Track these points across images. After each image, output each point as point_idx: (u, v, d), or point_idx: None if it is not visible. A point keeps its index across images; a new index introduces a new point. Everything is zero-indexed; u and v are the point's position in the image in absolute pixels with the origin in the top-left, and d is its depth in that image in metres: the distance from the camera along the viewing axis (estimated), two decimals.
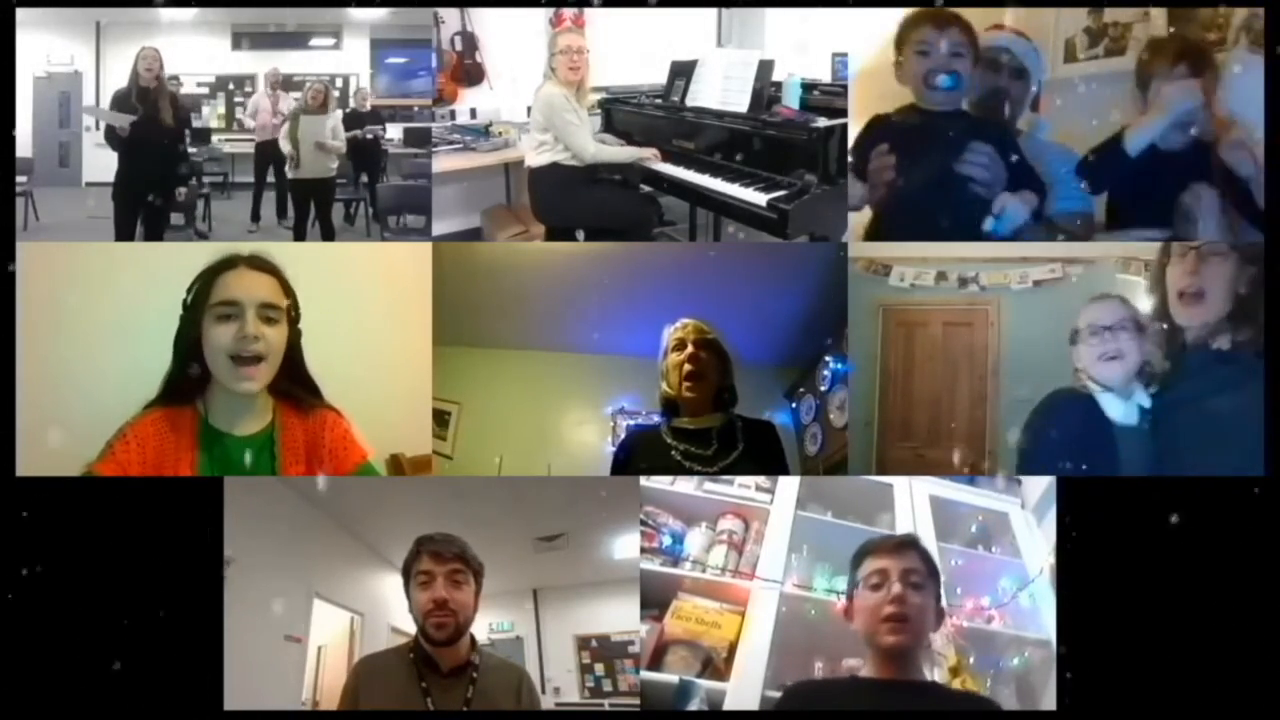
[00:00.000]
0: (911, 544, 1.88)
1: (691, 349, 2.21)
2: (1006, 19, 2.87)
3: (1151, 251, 2.32)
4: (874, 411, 3.75)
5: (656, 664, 2.29)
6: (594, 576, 4.22)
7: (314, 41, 6.06)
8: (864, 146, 2.65)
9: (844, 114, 3.09)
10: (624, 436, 4.02)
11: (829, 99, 3.41)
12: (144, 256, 3.33)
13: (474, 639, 1.95)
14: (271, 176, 4.73)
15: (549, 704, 4.44)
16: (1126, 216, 2.70)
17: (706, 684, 2.13)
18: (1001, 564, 2.76)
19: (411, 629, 1.94)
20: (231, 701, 2.33)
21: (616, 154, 3.83)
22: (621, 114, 4.27)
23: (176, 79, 4.49)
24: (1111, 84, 2.84)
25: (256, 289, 1.81)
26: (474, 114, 5.20)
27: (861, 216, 2.79)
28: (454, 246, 3.96)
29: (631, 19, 4.72)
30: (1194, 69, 2.51)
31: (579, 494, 3.35)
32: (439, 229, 4.30)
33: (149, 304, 2.15)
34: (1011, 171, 2.55)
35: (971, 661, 2.36)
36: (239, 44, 5.97)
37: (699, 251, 3.95)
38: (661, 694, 2.13)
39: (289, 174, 4.36)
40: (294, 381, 1.89)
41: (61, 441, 2.03)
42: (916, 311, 3.81)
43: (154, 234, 3.82)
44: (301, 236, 4.27)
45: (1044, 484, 2.90)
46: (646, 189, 3.87)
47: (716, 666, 2.25)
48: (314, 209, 4.31)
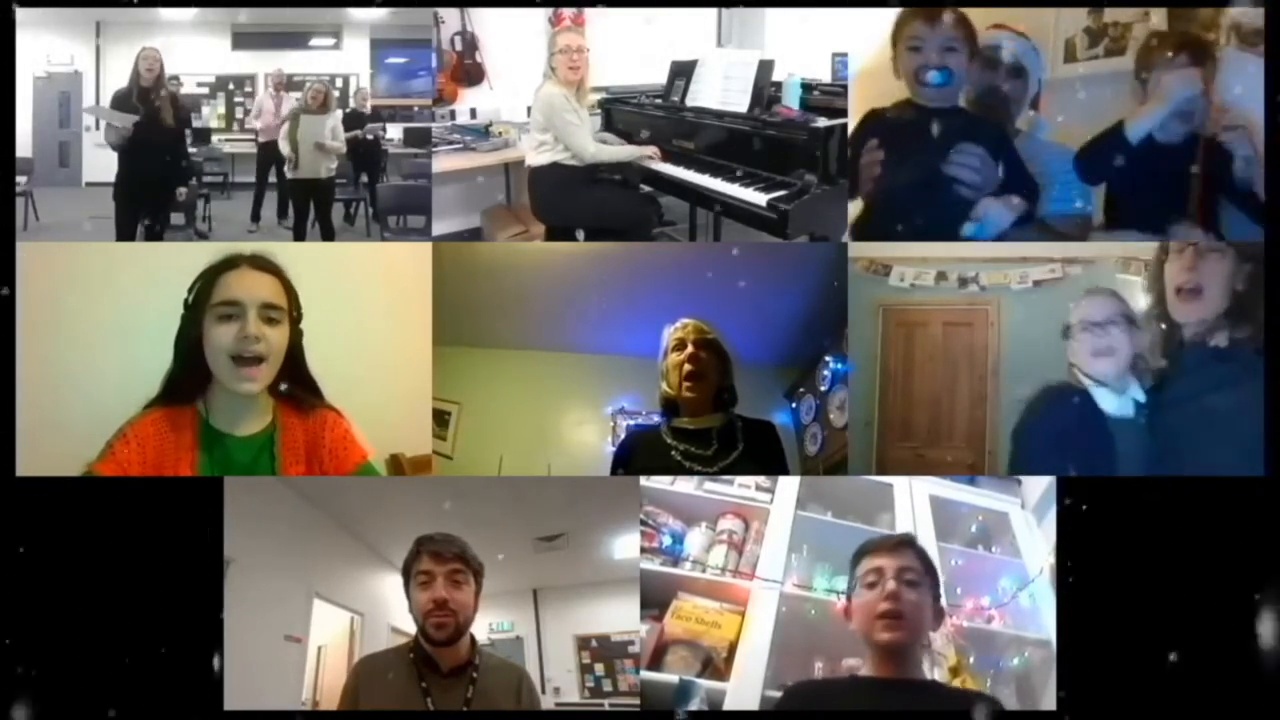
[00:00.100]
0: (908, 543, 1.89)
1: (691, 349, 2.21)
2: (1006, 18, 2.87)
3: (1150, 251, 2.32)
4: (874, 411, 3.75)
5: (656, 664, 2.29)
6: (594, 576, 4.22)
7: (314, 41, 6.06)
8: (859, 140, 2.66)
9: (844, 114, 3.08)
10: (624, 436, 4.02)
11: (829, 99, 3.42)
12: (144, 256, 3.33)
13: (474, 639, 1.96)
14: (274, 177, 4.74)
15: (549, 704, 4.44)
16: (1125, 212, 2.70)
17: (706, 684, 2.13)
18: (1001, 564, 2.76)
19: (411, 629, 1.94)
20: (231, 701, 2.33)
21: (616, 153, 3.83)
22: (621, 114, 4.27)
23: (177, 79, 4.49)
24: (1111, 84, 2.84)
25: (258, 289, 1.80)
26: (474, 114, 5.20)
27: (856, 206, 2.80)
28: (454, 246, 3.95)
29: (631, 19, 4.72)
30: (1194, 59, 2.51)
31: (579, 494, 3.35)
32: (439, 229, 4.29)
33: (149, 304, 2.15)
34: (1003, 173, 2.54)
35: (971, 661, 2.36)
36: (239, 44, 5.97)
37: (699, 251, 3.95)
38: (661, 694, 2.14)
39: (288, 174, 4.36)
40: (294, 382, 1.89)
41: (61, 441, 2.02)
42: (916, 311, 3.81)
43: (154, 234, 3.82)
44: (301, 237, 4.27)
45: (1044, 484, 2.90)
46: (646, 189, 3.87)
47: (716, 666, 2.25)
48: (314, 209, 4.31)
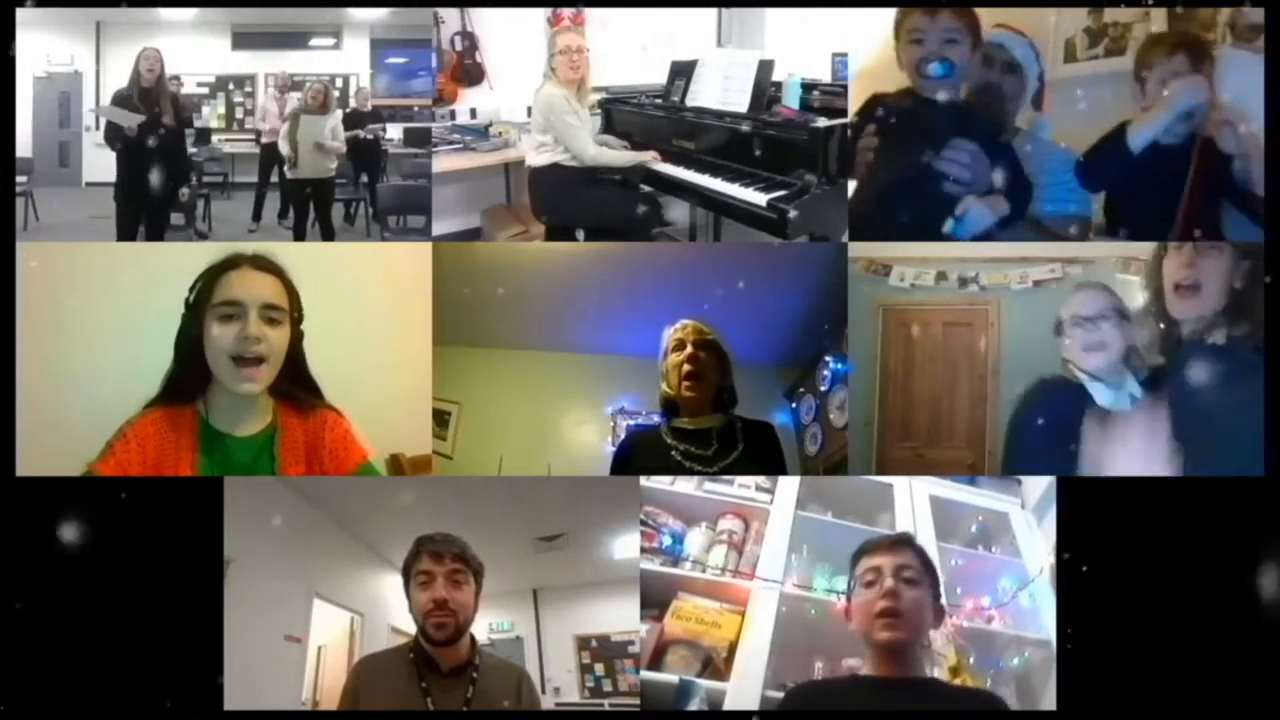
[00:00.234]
0: (906, 541, 1.88)
1: (691, 349, 2.22)
2: (1006, 18, 2.87)
3: (1150, 250, 2.31)
4: (874, 411, 3.75)
5: (656, 664, 2.29)
6: (594, 576, 4.22)
7: (314, 41, 6.06)
8: (858, 124, 2.66)
9: (844, 114, 3.08)
10: (624, 436, 4.02)
11: (829, 99, 3.41)
12: (144, 256, 3.34)
13: (474, 639, 1.95)
14: (275, 177, 4.74)
15: (549, 704, 4.43)
16: (1126, 217, 2.69)
17: (706, 684, 2.13)
18: (1001, 564, 2.76)
19: (411, 629, 1.94)
20: (231, 701, 2.32)
21: (617, 157, 3.82)
22: (621, 114, 4.27)
23: (177, 79, 4.49)
24: (1111, 84, 2.84)
25: (259, 289, 1.80)
26: (474, 114, 5.20)
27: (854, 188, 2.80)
28: (454, 246, 3.95)
29: (632, 19, 4.72)
30: (1193, 59, 2.50)
31: (579, 494, 3.35)
32: (439, 229, 4.30)
33: (149, 304, 2.15)
34: (995, 171, 2.53)
35: (971, 661, 2.36)
36: (239, 44, 5.98)
37: (699, 251, 3.95)
38: (661, 694, 2.14)
39: (288, 174, 4.36)
40: (295, 382, 1.88)
41: (61, 441, 2.02)
42: (916, 311, 3.81)
43: (155, 234, 3.82)
44: (301, 236, 4.27)
45: (1044, 484, 2.90)
46: (646, 189, 3.87)
47: (716, 666, 2.25)
48: (314, 209, 4.31)
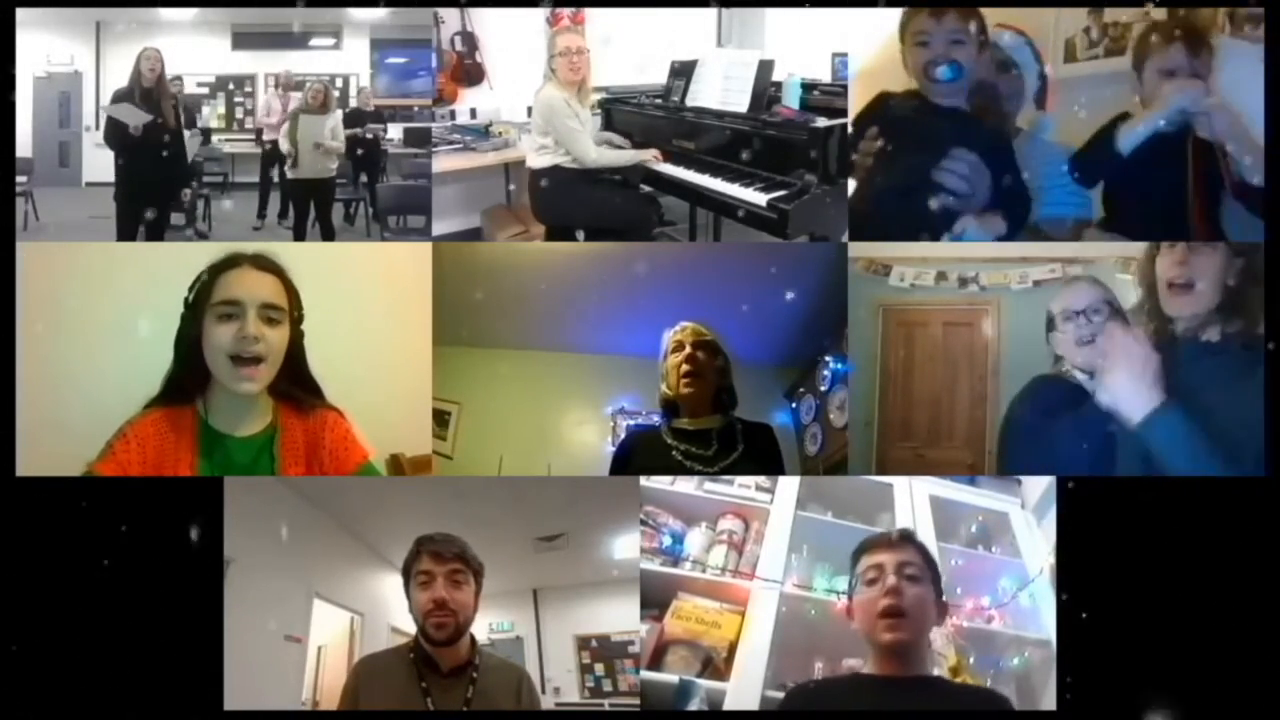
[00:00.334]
0: (907, 538, 1.87)
1: (689, 350, 2.23)
2: (1006, 18, 2.87)
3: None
4: (874, 411, 3.75)
5: (656, 664, 2.29)
6: (594, 576, 4.22)
7: (314, 41, 6.07)
8: (861, 123, 2.63)
9: (844, 114, 3.08)
10: (624, 436, 4.02)
11: (829, 99, 3.41)
12: (144, 256, 3.33)
13: (474, 639, 1.95)
14: (277, 177, 4.74)
15: (549, 704, 4.43)
16: (1124, 215, 2.69)
17: (706, 684, 2.13)
18: (1001, 564, 2.76)
19: (411, 629, 1.94)
20: (231, 701, 2.32)
21: (618, 157, 3.81)
22: (621, 114, 4.27)
23: (178, 79, 4.49)
24: (1111, 84, 2.84)
25: (258, 289, 1.80)
26: (474, 114, 5.20)
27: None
28: (454, 246, 3.95)
29: (631, 19, 4.72)
30: (1191, 49, 2.48)
31: (579, 494, 3.35)
32: (439, 229, 4.30)
33: (149, 304, 2.15)
34: (995, 183, 2.49)
35: (971, 661, 2.36)
36: (239, 44, 5.98)
37: (699, 251, 3.95)
38: (661, 694, 2.14)
39: (288, 174, 4.36)
40: (295, 382, 1.88)
41: (61, 441, 2.02)
42: (916, 311, 3.81)
43: (155, 234, 3.82)
44: (301, 236, 4.27)
45: (1044, 484, 2.90)
46: (646, 189, 3.87)
47: (716, 666, 2.25)
48: (314, 209, 4.31)
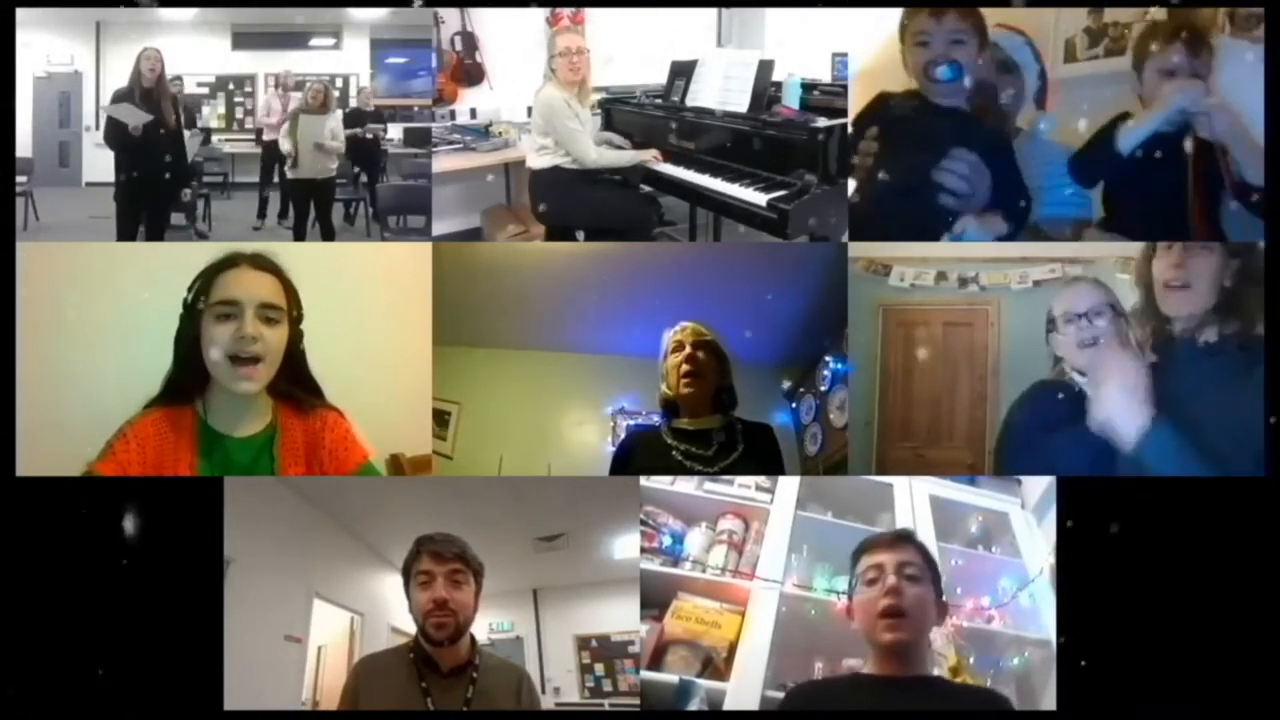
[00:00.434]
0: (906, 538, 1.87)
1: (689, 350, 2.23)
2: (1006, 18, 2.87)
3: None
4: (874, 411, 3.75)
5: (656, 664, 2.28)
6: (594, 576, 4.22)
7: (314, 41, 6.07)
8: (861, 123, 2.63)
9: (844, 114, 3.08)
10: (624, 436, 4.02)
11: (829, 99, 3.41)
12: (144, 256, 3.33)
13: (474, 639, 1.95)
14: (277, 177, 4.75)
15: (549, 704, 4.43)
16: (1124, 215, 2.69)
17: (706, 684, 2.13)
18: (1001, 564, 2.76)
19: (411, 629, 1.94)
20: (231, 701, 2.32)
21: (618, 158, 3.81)
22: (621, 114, 4.27)
23: (178, 79, 4.50)
24: (1111, 84, 2.83)
25: (257, 289, 1.80)
26: (474, 114, 5.20)
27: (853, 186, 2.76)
28: (454, 246, 3.95)
29: (631, 19, 4.72)
30: (1191, 49, 2.48)
31: (579, 494, 3.35)
32: (439, 229, 4.30)
33: (149, 304, 2.15)
34: (995, 184, 2.49)
35: (971, 661, 2.36)
36: (239, 44, 5.98)
37: (699, 251, 3.95)
38: (661, 694, 2.13)
39: (288, 174, 4.37)
40: (294, 382, 1.88)
41: (61, 441, 2.02)
42: (916, 311, 3.81)
43: (155, 234, 3.82)
44: (301, 236, 4.27)
45: (1044, 484, 2.90)
46: (646, 189, 3.87)
47: (716, 666, 2.25)
48: (314, 209, 4.31)
